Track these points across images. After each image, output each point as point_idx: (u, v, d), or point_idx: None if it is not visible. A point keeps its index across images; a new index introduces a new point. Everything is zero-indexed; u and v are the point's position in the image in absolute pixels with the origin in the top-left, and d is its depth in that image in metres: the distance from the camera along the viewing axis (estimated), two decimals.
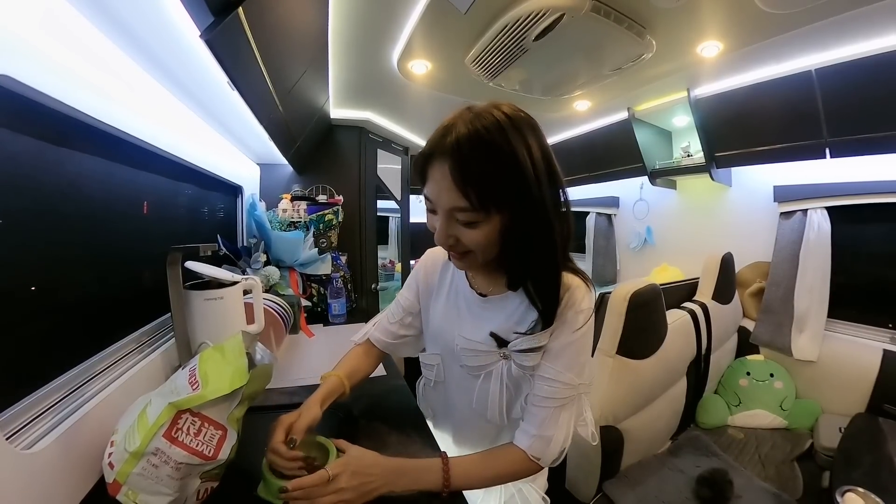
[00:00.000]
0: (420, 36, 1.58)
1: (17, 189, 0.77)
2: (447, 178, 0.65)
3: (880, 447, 1.57)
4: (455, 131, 0.65)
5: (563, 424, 0.78)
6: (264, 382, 0.84)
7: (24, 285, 0.80)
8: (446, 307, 0.92)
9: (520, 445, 0.79)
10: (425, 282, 0.98)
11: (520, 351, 0.79)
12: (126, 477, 0.69)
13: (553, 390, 0.77)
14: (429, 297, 0.97)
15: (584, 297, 0.79)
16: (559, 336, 0.78)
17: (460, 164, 0.64)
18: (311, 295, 2.25)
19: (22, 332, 0.79)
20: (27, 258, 0.81)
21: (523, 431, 0.79)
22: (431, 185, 0.70)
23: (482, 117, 0.66)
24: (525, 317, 0.80)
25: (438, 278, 0.95)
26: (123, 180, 1.18)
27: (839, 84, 1.84)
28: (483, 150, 0.64)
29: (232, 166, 2.05)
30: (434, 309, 0.95)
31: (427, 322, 0.98)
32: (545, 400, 0.78)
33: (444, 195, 0.68)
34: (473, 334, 0.85)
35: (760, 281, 2.48)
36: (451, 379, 0.95)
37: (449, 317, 0.91)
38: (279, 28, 1.14)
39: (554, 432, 0.77)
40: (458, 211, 0.68)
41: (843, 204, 2.13)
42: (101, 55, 0.95)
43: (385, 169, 3.08)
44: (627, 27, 1.49)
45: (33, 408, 0.77)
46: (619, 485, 1.57)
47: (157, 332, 1.30)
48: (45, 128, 0.83)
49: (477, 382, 0.86)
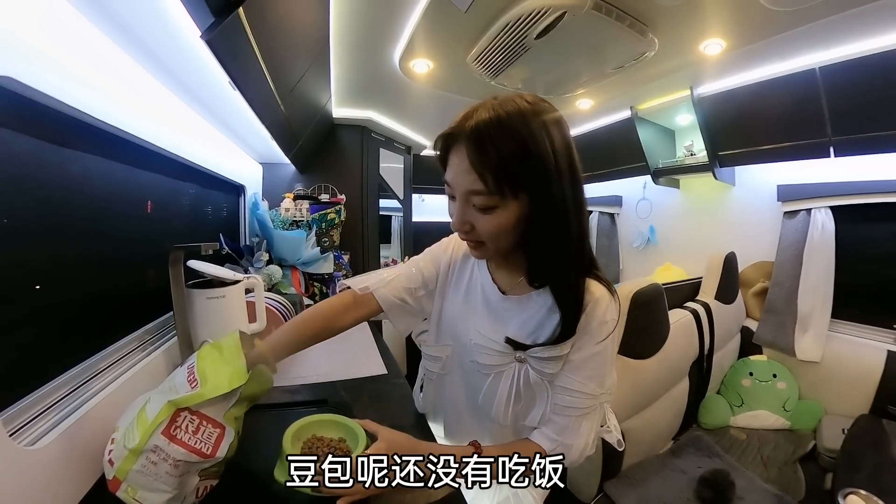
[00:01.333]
0: (421, 35, 1.58)
1: (21, 189, 0.78)
2: (465, 160, 0.66)
3: (884, 449, 1.56)
4: (476, 116, 0.66)
5: (584, 433, 0.77)
6: (265, 386, 0.83)
7: (27, 283, 0.80)
8: (465, 299, 0.88)
9: (542, 446, 0.77)
10: (450, 264, 0.92)
11: (540, 358, 0.77)
12: (125, 474, 0.70)
13: (574, 401, 0.76)
14: (447, 284, 0.92)
15: (608, 308, 0.76)
16: (582, 347, 0.75)
17: (478, 147, 0.64)
18: (313, 294, 2.25)
19: (25, 329, 0.80)
20: (31, 257, 0.81)
21: (545, 435, 0.78)
22: (450, 169, 0.70)
23: (506, 103, 0.66)
24: (545, 322, 0.77)
25: (460, 266, 0.91)
26: (126, 180, 1.18)
27: (843, 82, 1.82)
28: (501, 133, 0.64)
29: (234, 166, 2.05)
30: (452, 299, 0.91)
31: (441, 310, 0.93)
32: (566, 409, 0.76)
33: (461, 178, 0.67)
34: (489, 332, 0.82)
35: (764, 281, 2.47)
36: (458, 373, 0.91)
37: (467, 309, 0.87)
38: (280, 28, 1.14)
39: (575, 440, 0.76)
40: (474, 195, 0.67)
41: (847, 203, 2.10)
42: (102, 56, 0.96)
43: (387, 168, 3.09)
44: (629, 25, 1.49)
45: (37, 405, 0.78)
46: (620, 485, 1.56)
47: (159, 331, 1.30)
48: (46, 128, 0.84)
49: (486, 381, 0.83)
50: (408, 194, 3.46)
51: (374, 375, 1.40)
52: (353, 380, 1.36)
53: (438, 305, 0.93)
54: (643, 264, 3.30)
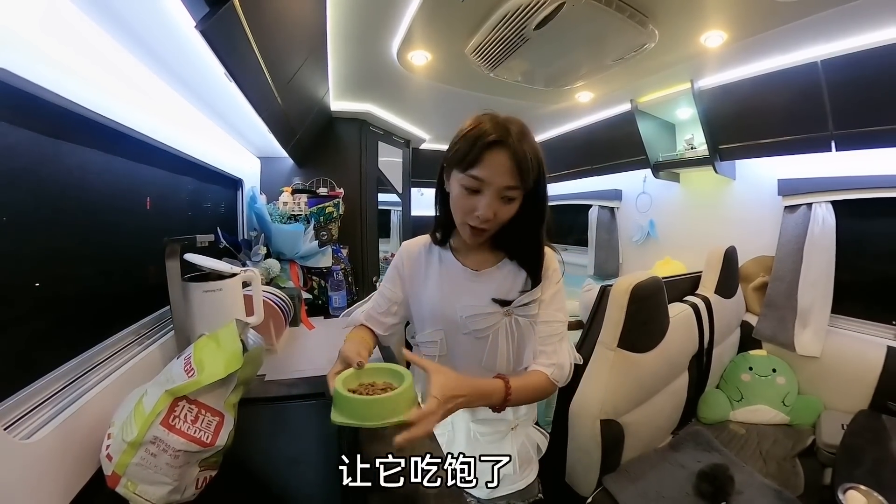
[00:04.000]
0: (419, 26, 1.57)
1: (16, 182, 0.77)
2: (508, 162, 0.84)
3: (883, 445, 1.55)
4: (512, 127, 0.85)
5: (565, 352, 1.00)
6: (257, 366, 0.85)
7: (24, 277, 0.80)
8: (440, 285, 1.03)
9: (543, 371, 0.96)
10: (410, 271, 1.07)
11: (523, 305, 0.99)
12: (125, 468, 0.70)
13: (552, 328, 1.00)
14: (415, 284, 1.07)
15: (553, 258, 1.03)
16: (547, 288, 1.01)
17: (522, 153, 0.84)
18: (311, 287, 2.25)
19: (20, 323, 0.79)
20: (27, 251, 0.81)
21: (542, 364, 0.97)
22: (485, 168, 0.85)
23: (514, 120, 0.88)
24: (515, 281, 1.00)
25: (424, 264, 1.06)
26: (123, 173, 1.18)
27: (845, 76, 1.81)
28: (531, 143, 0.87)
29: (232, 159, 2.05)
30: (425, 292, 1.05)
31: (419, 305, 1.06)
32: (550, 338, 0.99)
33: (501, 176, 0.85)
34: (476, 302, 0.99)
35: (764, 275, 2.46)
36: (457, 348, 1.04)
37: (445, 293, 1.02)
38: (276, 18, 1.13)
39: (563, 360, 0.98)
40: (508, 189, 0.86)
41: (848, 198, 2.09)
42: (95, 46, 0.95)
43: (386, 162, 3.07)
44: (629, 16, 1.47)
45: (32, 398, 0.78)
46: (619, 479, 1.56)
47: (156, 325, 1.30)
48: (41, 121, 0.83)
49: (486, 343, 1.00)
50: (407, 188, 3.44)
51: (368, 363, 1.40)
52: None
53: (416, 303, 1.07)
54: (643, 258, 3.29)
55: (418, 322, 1.09)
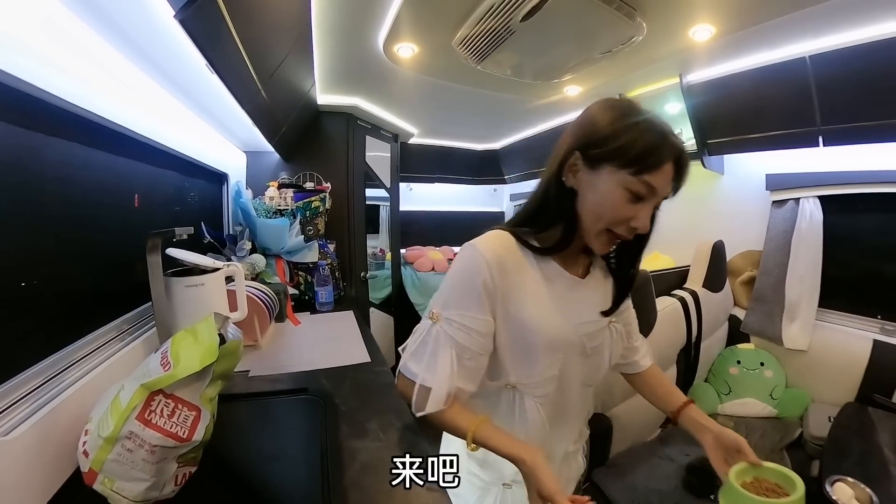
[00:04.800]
0: (405, 17, 1.55)
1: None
2: (672, 170, 0.76)
3: (869, 437, 1.57)
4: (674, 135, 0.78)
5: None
6: (235, 359, 0.83)
7: (2, 274, 0.78)
8: (554, 302, 0.81)
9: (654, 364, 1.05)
10: (505, 287, 0.77)
11: (620, 312, 0.92)
12: (101, 464, 0.69)
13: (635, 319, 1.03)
14: (516, 304, 0.78)
15: None
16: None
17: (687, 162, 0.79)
18: (297, 283, 2.23)
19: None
20: (3, 245, 0.79)
21: (645, 356, 1.04)
22: (662, 177, 0.75)
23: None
24: (606, 284, 0.92)
25: (523, 278, 0.80)
26: (104, 167, 1.15)
27: (834, 71, 1.81)
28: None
29: (217, 154, 2.02)
30: (535, 314, 0.79)
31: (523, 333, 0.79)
32: (636, 330, 1.04)
33: (667, 186, 0.77)
34: (590, 315, 0.86)
35: (752, 269, 2.48)
36: (569, 377, 0.85)
37: (562, 310, 0.82)
38: (258, 8, 1.11)
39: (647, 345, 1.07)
40: (664, 198, 0.79)
41: (835, 193, 2.11)
42: (72, 35, 0.92)
43: (374, 157, 3.05)
44: (617, 8, 1.47)
45: (10, 394, 0.76)
46: (607, 473, 1.56)
47: (138, 320, 1.28)
48: (16, 112, 0.80)
49: (592, 361, 0.88)
50: (395, 183, 3.42)
51: (356, 364, 1.39)
52: (335, 368, 1.35)
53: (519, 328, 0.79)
54: None
55: (512, 358, 0.82)
